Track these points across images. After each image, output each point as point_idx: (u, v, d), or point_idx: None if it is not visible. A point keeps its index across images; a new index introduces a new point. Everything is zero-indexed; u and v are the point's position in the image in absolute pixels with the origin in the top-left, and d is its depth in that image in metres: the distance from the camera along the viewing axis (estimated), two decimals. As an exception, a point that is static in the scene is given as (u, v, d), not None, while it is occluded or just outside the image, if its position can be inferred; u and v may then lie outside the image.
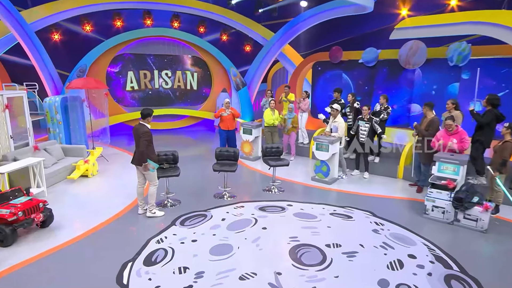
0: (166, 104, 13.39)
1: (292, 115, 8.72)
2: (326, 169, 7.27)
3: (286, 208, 5.81)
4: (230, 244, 4.50)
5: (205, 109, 14.10)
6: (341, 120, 7.35)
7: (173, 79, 13.46)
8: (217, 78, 14.15)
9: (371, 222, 5.34)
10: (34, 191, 5.90)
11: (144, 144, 5.04)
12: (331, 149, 7.10)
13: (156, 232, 4.84)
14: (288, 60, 14.55)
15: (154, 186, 5.35)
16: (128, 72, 12.56)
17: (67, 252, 4.29)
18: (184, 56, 13.56)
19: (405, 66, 9.24)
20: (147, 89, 13.06)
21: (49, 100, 8.07)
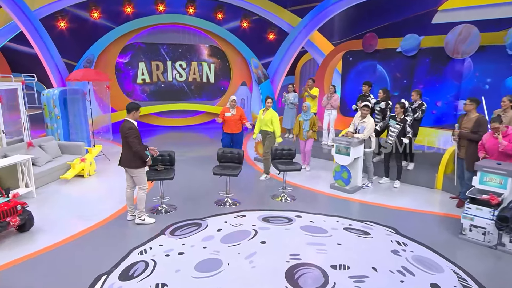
0: (180, 98, 13.54)
1: (309, 116, 7.88)
2: (347, 175, 6.95)
3: (293, 220, 5.59)
4: (220, 259, 4.37)
5: (223, 105, 14.07)
6: (371, 121, 6.97)
7: (187, 71, 13.58)
8: (237, 70, 14.11)
9: (392, 241, 4.99)
10: (21, 191, 6.10)
11: (135, 143, 5.01)
12: (353, 152, 6.76)
13: (142, 241, 4.81)
14: (317, 49, 14.22)
15: (143, 190, 5.32)
16: (139, 63, 12.82)
17: (39, 260, 4.35)
18: (200, 45, 13.64)
19: (453, 55, 8.67)
20: (159, 81, 13.27)
21: (47, 93, 8.35)
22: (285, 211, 5.93)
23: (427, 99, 9.58)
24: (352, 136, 7.01)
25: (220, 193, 6.43)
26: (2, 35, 10.77)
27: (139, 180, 5.26)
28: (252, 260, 4.36)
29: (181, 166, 8.15)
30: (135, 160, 5.10)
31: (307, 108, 7.83)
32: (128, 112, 5.12)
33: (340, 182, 7.10)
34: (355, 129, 7.20)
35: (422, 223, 5.63)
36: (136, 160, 5.11)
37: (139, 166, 5.16)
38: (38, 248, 4.61)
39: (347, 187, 6.98)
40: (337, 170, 7.12)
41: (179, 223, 5.42)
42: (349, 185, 6.97)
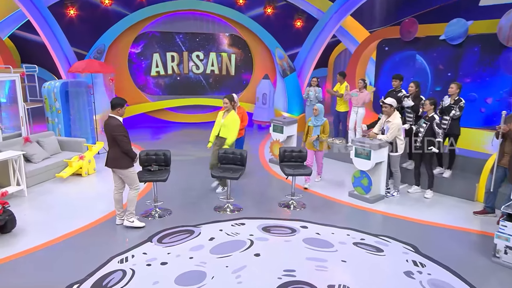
0: (197, 92, 13.66)
1: (321, 121, 6.99)
2: (367, 182, 6.68)
3: (297, 231, 5.44)
4: (204, 271, 4.32)
5: (243, 100, 14.04)
6: (397, 121, 6.65)
7: (205, 63, 13.68)
8: (259, 62, 14.03)
9: (408, 260, 4.73)
10: (11, 189, 6.38)
11: (124, 141, 5.07)
12: (375, 156, 6.48)
13: (126, 248, 4.87)
14: (351, 38, 13.87)
15: (136, 190, 5.38)
16: (153, 54, 13.06)
17: (11, 265, 4.48)
18: (219, 34, 13.68)
19: (507, 43, 8.14)
20: (174, 74, 13.45)
21: (48, 85, 8.69)
22: (290, 221, 5.79)
23: (475, 95, 9.05)
24: (375, 137, 6.74)
25: (220, 197, 6.39)
26: (10, 24, 11.32)
27: (130, 181, 5.31)
28: (239, 275, 4.27)
29: (185, 167, 8.21)
30: (124, 159, 5.15)
31: (318, 111, 6.98)
32: (112, 108, 5.17)
33: (359, 189, 6.85)
34: (381, 130, 6.92)
35: (450, 241, 5.30)
36: (125, 160, 5.16)
37: (128, 165, 5.20)
38: (15, 251, 4.75)
39: (367, 195, 6.72)
40: (356, 175, 6.87)
41: (170, 229, 5.43)
42: (369, 194, 6.70)
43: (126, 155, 5.17)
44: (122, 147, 5.12)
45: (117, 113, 5.19)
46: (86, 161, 7.71)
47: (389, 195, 6.96)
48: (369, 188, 6.68)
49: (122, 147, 5.12)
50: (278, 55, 13.70)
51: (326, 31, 13.16)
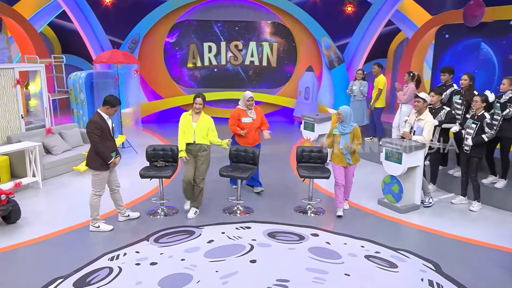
0: (235, 85, 13.91)
1: (349, 128, 5.94)
2: (398, 189, 6.47)
3: (306, 238, 5.43)
4: (192, 275, 4.47)
5: (284, 94, 14.11)
6: (430, 118, 6.39)
7: (244, 54, 13.90)
8: (304, 52, 13.99)
9: (424, 279, 4.54)
10: (26, 180, 7.01)
11: (94, 141, 5.25)
12: (407, 160, 6.25)
13: (120, 246, 5.18)
14: (410, 24, 13.38)
15: (96, 196, 5.43)
16: (189, 44, 13.52)
17: (5, 255, 4.94)
18: (261, 22, 13.82)
19: None
20: (211, 65, 13.82)
21: (74, 76, 9.36)
22: (301, 227, 5.79)
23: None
24: (410, 138, 6.50)
25: (229, 198, 6.53)
26: (47, 13, 12.27)
27: (92, 183, 5.41)
28: (227, 281, 4.37)
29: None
30: (94, 160, 5.32)
31: (342, 116, 5.90)
32: (102, 105, 5.40)
33: (389, 197, 6.65)
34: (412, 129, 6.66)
35: (485, 263, 4.99)
36: (95, 161, 5.32)
37: (97, 167, 5.34)
38: (13, 242, 5.22)
39: (398, 204, 6.50)
40: (387, 181, 6.67)
41: (170, 229, 5.67)
42: (400, 202, 6.48)
43: (98, 156, 5.30)
44: (91, 145, 5.32)
45: (105, 111, 5.38)
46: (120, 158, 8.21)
47: (426, 203, 6.69)
48: (400, 196, 6.46)
49: (91, 145, 5.33)
50: (325, 45, 13.57)
51: (380, 16, 12.83)
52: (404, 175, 6.42)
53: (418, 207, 6.58)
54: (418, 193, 6.59)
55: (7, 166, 7.39)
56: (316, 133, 8.59)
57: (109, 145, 5.43)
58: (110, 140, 5.46)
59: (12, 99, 7.96)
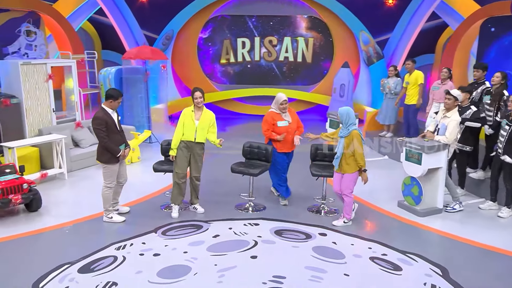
0: (268, 82, 14.13)
1: (346, 132, 5.67)
2: (418, 191, 6.42)
3: (313, 237, 5.56)
4: (190, 267, 4.74)
5: (319, 92, 14.15)
6: (455, 117, 6.29)
7: (279, 49, 14.07)
8: (341, 48, 13.96)
9: (427, 283, 4.55)
10: (51, 171, 7.59)
11: (100, 136, 5.62)
12: (427, 161, 6.20)
13: (128, 236, 5.55)
14: (458, 16, 12.98)
15: (107, 188, 5.82)
16: (223, 40, 13.87)
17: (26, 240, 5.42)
18: (296, 17, 13.94)
19: None
20: (244, 61, 14.10)
21: (104, 71, 9.95)
22: (311, 226, 5.91)
23: None
24: (432, 138, 6.43)
25: (241, 195, 6.75)
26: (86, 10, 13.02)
27: (104, 176, 5.81)
28: (223, 275, 4.59)
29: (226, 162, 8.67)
30: (104, 153, 5.70)
31: (338, 118, 5.83)
32: (105, 99, 5.76)
33: (409, 199, 6.61)
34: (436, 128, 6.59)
35: (499, 271, 4.91)
36: (104, 154, 5.70)
37: (107, 161, 5.72)
38: (31, 229, 5.73)
39: (417, 207, 6.45)
40: (407, 182, 6.63)
41: (179, 222, 5.99)
42: (419, 205, 6.43)
43: (106, 150, 5.68)
44: (99, 141, 5.69)
45: (108, 105, 5.74)
46: (130, 150, 8.69)
47: (449, 208, 6.58)
48: (420, 199, 6.41)
49: (99, 141, 5.71)
50: (363, 40, 13.47)
51: (423, 8, 12.57)
52: (425, 176, 6.37)
53: (439, 211, 6.50)
54: (441, 196, 6.49)
55: (37, 157, 8.00)
56: (341, 132, 8.59)
57: (117, 138, 5.79)
58: (117, 134, 5.81)
59: (44, 93, 8.61)
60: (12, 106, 8.11)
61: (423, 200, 6.39)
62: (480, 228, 6.05)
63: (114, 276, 4.58)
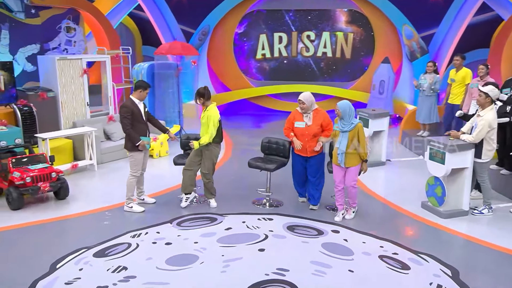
0: (305, 78, 14.32)
1: (349, 125, 5.88)
2: (441, 192, 6.43)
3: (324, 234, 5.75)
4: (198, 256, 5.09)
5: (358, 88, 14.16)
6: (489, 116, 6.21)
7: (317, 44, 14.21)
8: (382, 42, 13.91)
9: (432, 283, 4.64)
10: (82, 163, 8.21)
11: (124, 123, 6.11)
12: (451, 160, 6.21)
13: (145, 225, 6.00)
14: (510, 7, 12.59)
15: (132, 176, 6.31)
16: (259, 35, 14.19)
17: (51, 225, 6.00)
18: (336, 10, 14.02)
19: None
20: (281, 57, 14.36)
21: (137, 67, 10.53)
22: (324, 223, 6.11)
23: None
24: (458, 137, 6.42)
25: (258, 190, 7.02)
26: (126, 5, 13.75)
27: (130, 164, 6.32)
28: (228, 265, 4.90)
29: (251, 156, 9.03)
30: (128, 142, 6.21)
31: (340, 113, 5.88)
32: (134, 90, 6.29)
33: (432, 200, 6.62)
34: (471, 127, 6.55)
35: (513, 274, 4.92)
36: (129, 142, 6.21)
37: (131, 149, 6.22)
38: (57, 215, 6.31)
39: (440, 208, 6.46)
40: (430, 183, 6.65)
41: (195, 214, 6.37)
42: (443, 206, 6.44)
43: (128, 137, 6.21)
44: (122, 128, 6.20)
45: (137, 95, 6.25)
46: (158, 143, 9.21)
47: (477, 212, 6.54)
48: (443, 200, 6.41)
49: (122, 128, 6.20)
50: (406, 34, 13.36)
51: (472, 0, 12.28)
52: (449, 177, 6.37)
53: (465, 213, 6.47)
54: (466, 198, 6.47)
55: (70, 149, 8.67)
56: (371, 130, 8.67)
57: (141, 128, 6.27)
58: (142, 123, 6.30)
59: (79, 87, 9.29)
60: (48, 100, 8.81)
61: (447, 201, 6.39)
62: (507, 232, 5.97)
63: (125, 261, 5.00)
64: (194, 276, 4.70)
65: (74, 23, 11.37)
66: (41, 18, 10.74)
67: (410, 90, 13.41)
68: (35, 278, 4.65)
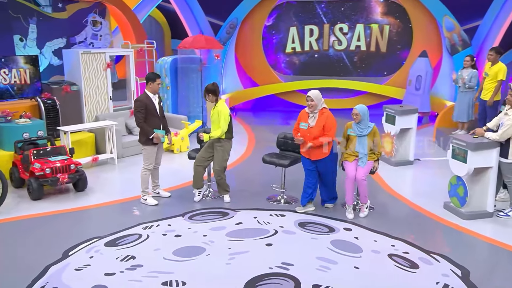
0: (336, 73, 14.49)
1: (366, 129, 6.38)
2: (463, 192, 6.55)
3: (336, 231, 6.02)
4: (205, 248, 5.48)
5: (394, 84, 14.20)
6: None
7: (350, 37, 14.35)
8: (420, 35, 13.87)
9: (439, 283, 4.84)
10: (102, 156, 8.79)
11: (137, 117, 6.57)
12: (473, 159, 6.33)
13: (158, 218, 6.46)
14: None
15: (145, 170, 6.77)
16: (289, 28, 14.47)
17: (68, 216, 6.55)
18: (371, 1, 14.12)
19: None
20: (311, 51, 14.58)
21: (161, 61, 11.06)
22: (336, 220, 6.38)
23: None
24: (482, 135, 6.53)
25: (273, 186, 7.33)
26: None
27: (143, 157, 6.79)
28: (234, 257, 5.26)
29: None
30: (142, 135, 6.67)
31: (360, 116, 6.29)
32: (145, 83, 6.71)
33: (454, 200, 6.75)
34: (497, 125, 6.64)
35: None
36: (142, 136, 6.67)
37: (144, 142, 6.68)
38: (74, 206, 6.88)
39: (462, 209, 6.59)
40: (453, 182, 6.78)
41: (208, 209, 6.77)
42: (464, 207, 6.56)
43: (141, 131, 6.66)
44: (135, 121, 6.65)
45: (149, 89, 6.66)
46: (179, 138, 9.69)
47: (502, 214, 6.62)
48: (465, 200, 6.53)
49: (135, 121, 6.64)
50: (447, 26, 13.30)
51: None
52: (473, 176, 6.49)
53: (489, 215, 6.56)
54: (491, 198, 6.56)
55: (92, 142, 9.28)
56: (397, 127, 8.79)
57: (155, 121, 6.70)
58: (156, 117, 6.72)
59: (103, 81, 9.90)
60: (72, 93, 9.45)
61: (469, 201, 6.50)
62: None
63: (134, 250, 5.46)
64: (198, 267, 5.09)
65: (100, 17, 12.02)
66: (67, 12, 11.43)
67: (450, 86, 13.30)
68: (48, 264, 5.17)
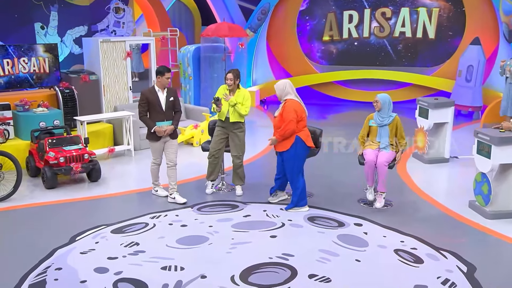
0: (379, 63, 14.87)
1: (387, 119, 7.16)
2: (487, 190, 6.94)
3: (345, 226, 6.58)
4: (208, 237, 6.19)
5: (442, 75, 14.40)
6: None
7: (393, 23, 14.69)
8: (474, 20, 14.01)
9: (440, 277, 5.31)
10: (118, 147, 9.67)
11: (139, 111, 7.27)
12: (498, 154, 6.71)
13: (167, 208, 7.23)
14: None
15: (153, 164, 7.52)
16: (327, 14, 14.95)
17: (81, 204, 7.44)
18: (418, -19, 14.38)
19: None
20: (350, 38, 15.02)
21: (183, 50, 11.88)
22: (348, 216, 6.93)
23: None
24: (509, 129, 6.90)
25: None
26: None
27: (151, 152, 7.55)
28: (235, 247, 5.93)
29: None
30: (148, 130, 7.36)
31: (380, 104, 7.07)
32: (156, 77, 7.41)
33: (479, 199, 7.11)
34: None
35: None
36: (148, 130, 7.35)
37: (148, 137, 7.38)
38: (87, 195, 7.76)
39: (486, 208, 6.96)
40: (478, 180, 7.14)
41: (218, 201, 7.51)
42: (488, 206, 6.93)
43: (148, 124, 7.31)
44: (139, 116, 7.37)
45: (157, 83, 7.28)
46: (199, 131, 10.46)
47: (529, 213, 6.96)
48: (489, 198, 6.88)
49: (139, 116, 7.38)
50: (504, 9, 13.36)
51: None
52: (500, 173, 6.87)
53: (515, 215, 6.92)
54: (518, 196, 6.92)
55: (110, 133, 10.20)
56: (431, 121, 9.16)
57: (156, 117, 7.25)
58: (159, 113, 7.24)
59: (122, 71, 10.81)
60: (90, 83, 10.40)
61: (493, 200, 6.87)
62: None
63: (138, 238, 6.23)
64: (198, 254, 5.78)
65: (123, 3, 12.97)
66: (89, -2, 12.46)
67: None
68: (55, 247, 6.02)
